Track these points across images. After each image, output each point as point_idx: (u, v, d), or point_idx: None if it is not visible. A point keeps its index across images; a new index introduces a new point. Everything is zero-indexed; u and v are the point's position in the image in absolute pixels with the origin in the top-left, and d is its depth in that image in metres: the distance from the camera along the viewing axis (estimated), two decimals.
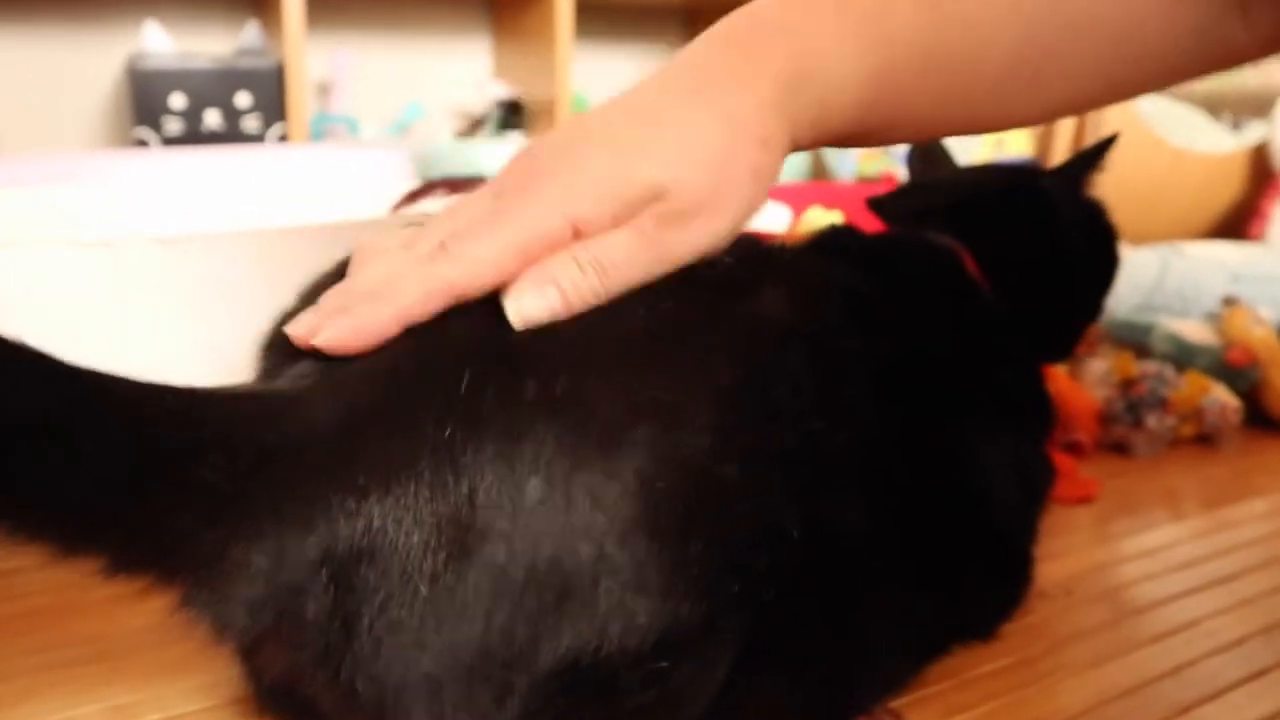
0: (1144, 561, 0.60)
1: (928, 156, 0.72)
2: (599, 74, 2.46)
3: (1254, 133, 1.50)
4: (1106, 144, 0.64)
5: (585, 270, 0.35)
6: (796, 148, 0.41)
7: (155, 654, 0.46)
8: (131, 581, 0.31)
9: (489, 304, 0.35)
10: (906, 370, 0.45)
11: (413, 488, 0.30)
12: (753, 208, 0.38)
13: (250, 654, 0.36)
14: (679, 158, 0.37)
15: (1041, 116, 0.48)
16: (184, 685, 0.44)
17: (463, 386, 0.31)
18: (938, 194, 0.62)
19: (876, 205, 0.63)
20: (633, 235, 0.36)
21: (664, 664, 0.32)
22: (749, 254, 0.40)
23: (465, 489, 0.30)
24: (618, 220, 0.36)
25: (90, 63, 1.99)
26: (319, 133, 2.10)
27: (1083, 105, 0.49)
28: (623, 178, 0.36)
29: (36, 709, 0.42)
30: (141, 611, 0.48)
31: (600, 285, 0.35)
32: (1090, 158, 0.64)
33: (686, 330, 0.34)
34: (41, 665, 0.45)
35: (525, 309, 0.34)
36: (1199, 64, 0.47)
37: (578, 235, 0.36)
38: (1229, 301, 0.91)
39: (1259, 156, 1.46)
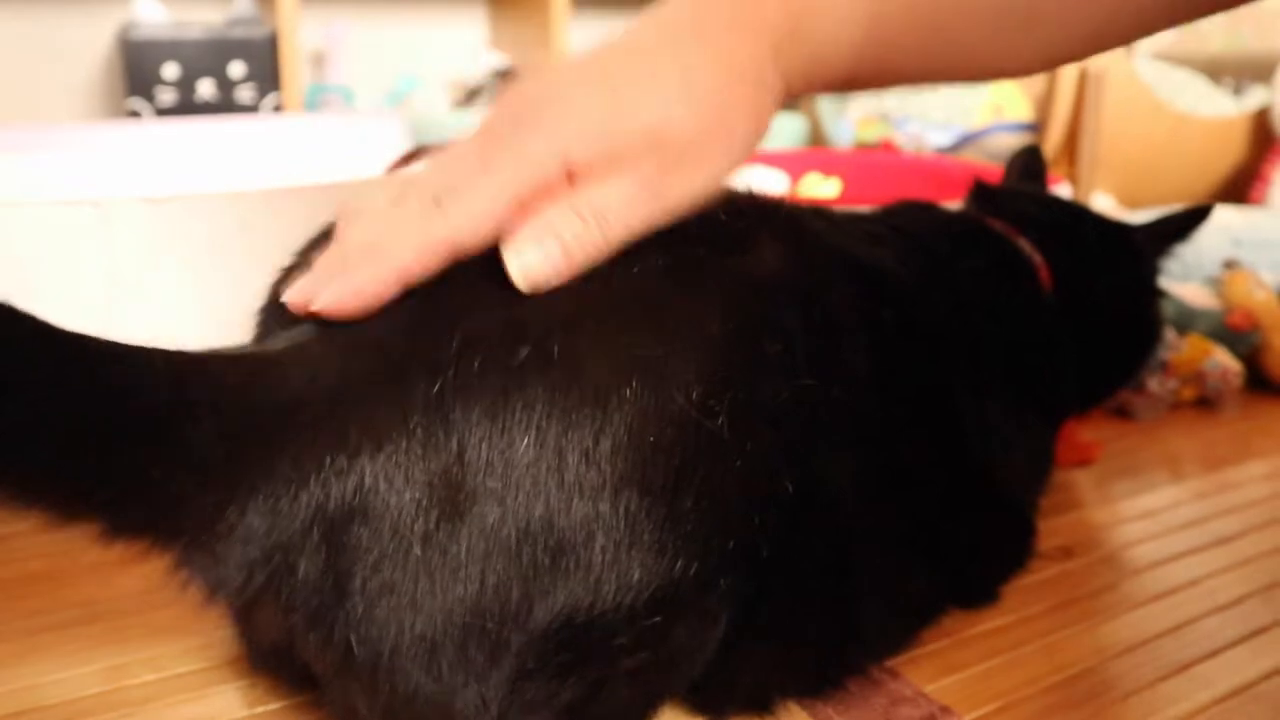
0: (1144, 523, 0.60)
1: (1029, 165, 0.72)
2: (595, 43, 2.44)
3: (1255, 97, 1.49)
4: (1200, 214, 0.65)
5: (587, 221, 0.34)
6: (790, 93, 0.41)
7: (150, 616, 0.46)
8: (128, 546, 0.31)
9: (482, 260, 0.34)
10: (921, 339, 0.45)
11: (404, 445, 0.30)
12: (750, 147, 0.38)
13: (245, 616, 0.36)
14: (676, 97, 0.36)
15: (1033, 66, 0.48)
16: (179, 646, 0.43)
17: (453, 345, 0.31)
18: (1035, 205, 0.63)
19: (980, 190, 0.63)
20: (632, 181, 0.35)
21: (659, 621, 0.32)
22: (745, 211, 0.39)
23: (456, 447, 0.30)
24: (613, 162, 0.35)
25: (81, 33, 1.97)
26: (314, 103, 2.08)
27: (1075, 53, 0.48)
28: (617, 118, 0.35)
29: (33, 670, 0.42)
30: (136, 575, 0.48)
31: (602, 236, 0.34)
32: (1180, 227, 0.65)
33: (678, 286, 0.34)
34: (37, 628, 0.45)
35: (528, 264, 0.33)
36: (1191, 7, 0.46)
37: (572, 179, 0.35)
38: (1230, 265, 0.91)
39: (1260, 121, 1.45)
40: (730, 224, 0.37)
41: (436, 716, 0.31)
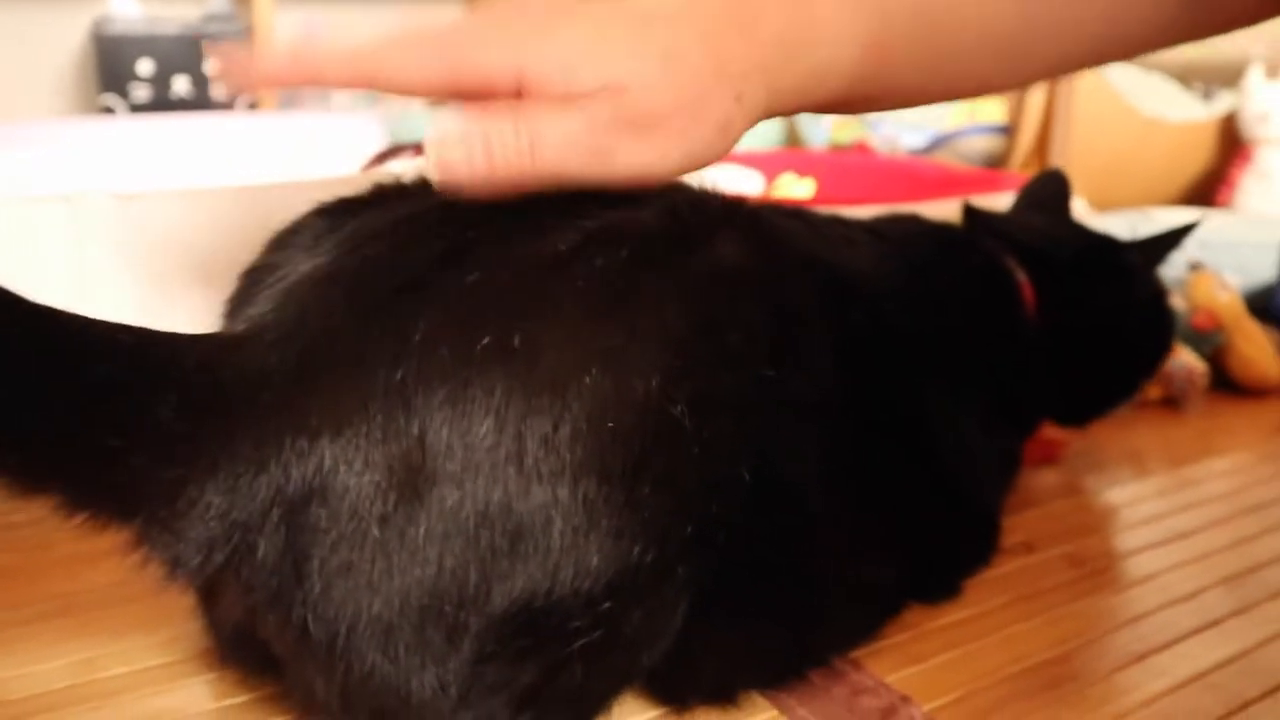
0: (1107, 517, 0.61)
1: (1040, 191, 0.71)
2: None
3: (1224, 102, 1.51)
4: (1187, 229, 0.66)
5: (520, 139, 0.34)
6: (774, 113, 0.40)
7: (120, 610, 0.46)
8: (88, 520, 0.31)
9: (447, 252, 0.35)
10: (890, 339, 0.46)
11: (364, 429, 0.31)
12: (709, 156, 0.37)
13: (209, 601, 0.37)
14: (656, 66, 0.35)
15: (1026, 82, 0.48)
16: (149, 640, 0.44)
17: (417, 334, 0.31)
18: (1025, 228, 0.63)
19: (970, 211, 0.63)
20: (580, 122, 0.35)
21: (617, 606, 0.32)
22: (707, 207, 0.40)
23: (416, 431, 0.31)
24: (568, 97, 0.35)
25: (54, 28, 1.96)
26: (289, 100, 2.08)
27: (1071, 69, 0.49)
28: (590, 57, 0.35)
29: (3, 663, 0.42)
30: (107, 569, 0.49)
31: (530, 158, 0.34)
32: (1170, 241, 0.65)
33: (639, 277, 0.34)
34: (7, 621, 0.45)
35: (447, 156, 0.34)
36: (1190, 28, 0.46)
37: (520, 94, 0.35)
38: (1195, 267, 0.92)
39: (1227, 126, 1.47)
40: (692, 219, 0.38)
41: (393, 698, 0.32)
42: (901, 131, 1.43)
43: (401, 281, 0.33)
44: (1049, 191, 0.70)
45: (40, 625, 0.45)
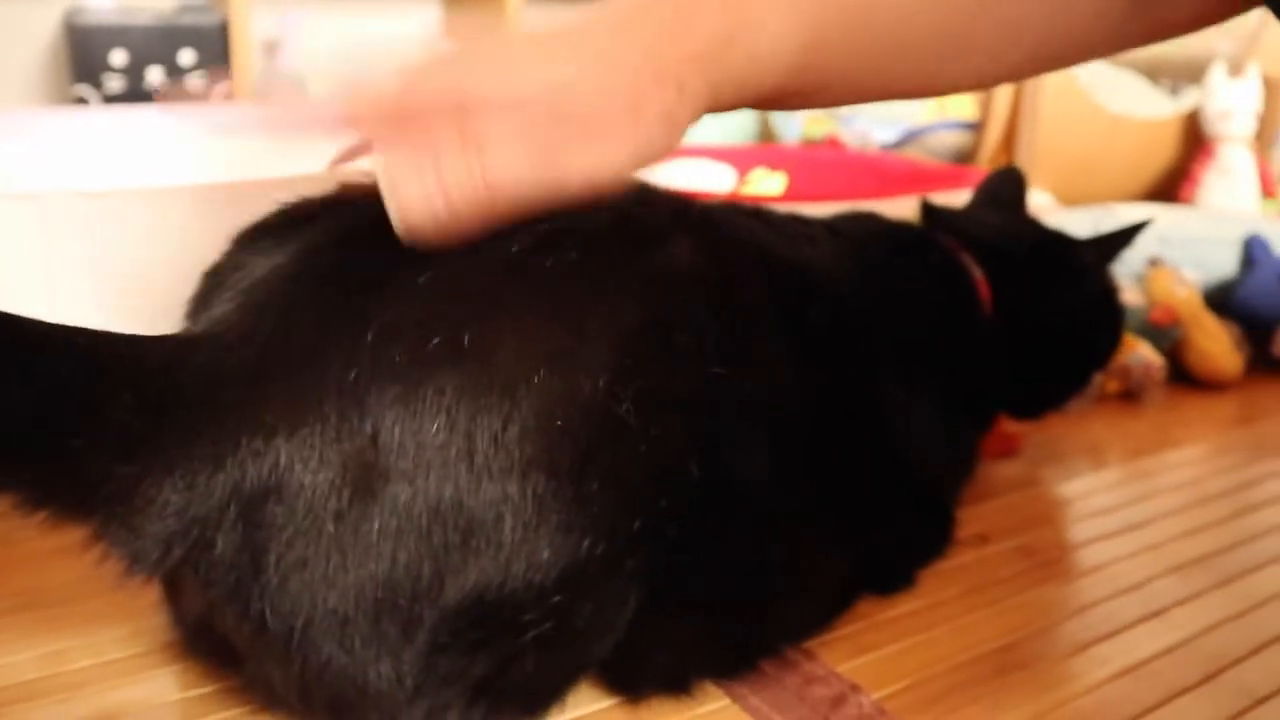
0: (1061, 510, 0.63)
1: (999, 187, 0.72)
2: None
3: (1190, 98, 1.53)
4: (1139, 227, 0.68)
5: (467, 154, 0.34)
6: (717, 107, 0.41)
7: (86, 604, 0.47)
8: (49, 517, 0.32)
9: (401, 256, 0.35)
10: (847, 336, 0.47)
11: (319, 428, 0.31)
12: (656, 152, 0.38)
13: (173, 595, 0.37)
14: (588, 71, 0.36)
15: (972, 85, 0.49)
16: (115, 633, 0.44)
17: (369, 335, 0.32)
18: (982, 225, 0.64)
19: (928, 208, 0.64)
20: (524, 141, 0.35)
21: (568, 599, 0.33)
22: (658, 208, 0.41)
23: (369, 430, 0.31)
24: (506, 111, 0.35)
25: (26, 17, 1.94)
26: (263, 91, 2.06)
27: (1014, 76, 0.49)
28: (522, 73, 0.36)
29: None
30: (72, 565, 0.49)
31: (484, 185, 0.35)
32: (1123, 239, 0.67)
33: (590, 279, 0.35)
34: None
35: (403, 194, 0.35)
36: (1134, 35, 0.47)
37: (462, 111, 0.35)
38: (1154, 263, 0.94)
39: (1192, 122, 1.49)
40: (643, 220, 0.39)
41: (350, 689, 0.33)
42: (873, 126, 1.44)
43: (357, 282, 0.34)
44: (1005, 188, 0.72)
45: (7, 619, 0.46)
